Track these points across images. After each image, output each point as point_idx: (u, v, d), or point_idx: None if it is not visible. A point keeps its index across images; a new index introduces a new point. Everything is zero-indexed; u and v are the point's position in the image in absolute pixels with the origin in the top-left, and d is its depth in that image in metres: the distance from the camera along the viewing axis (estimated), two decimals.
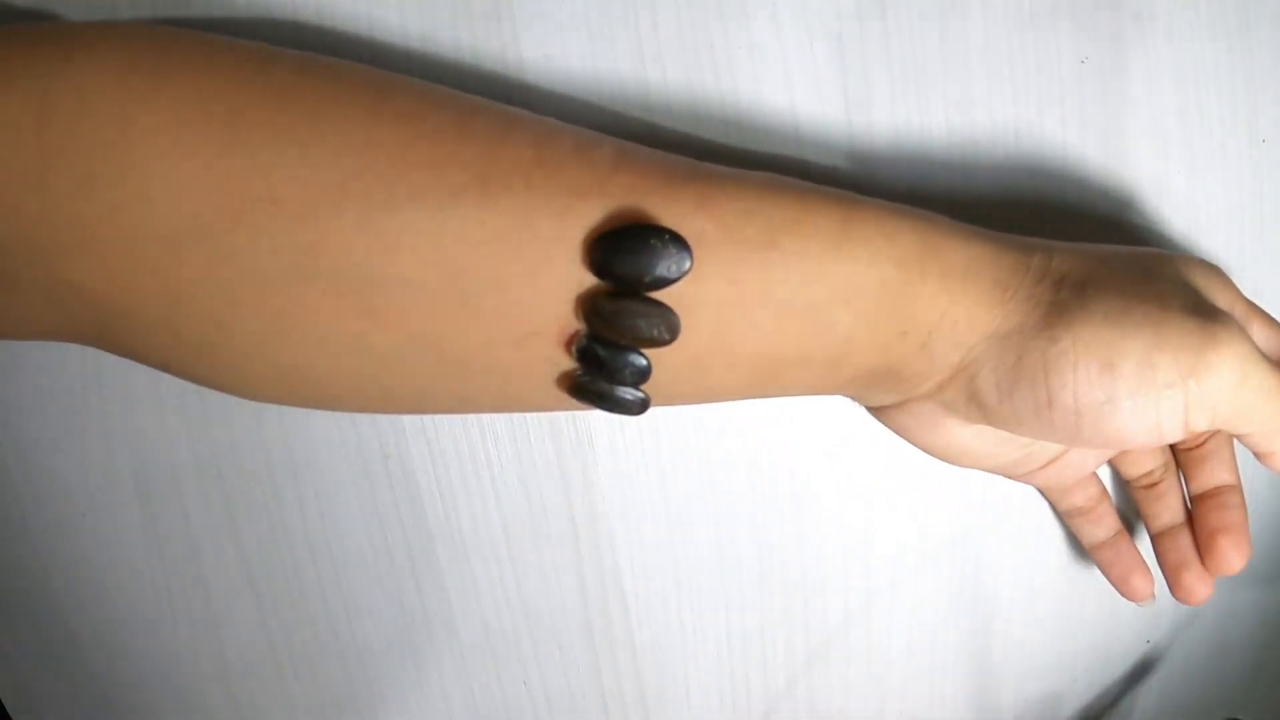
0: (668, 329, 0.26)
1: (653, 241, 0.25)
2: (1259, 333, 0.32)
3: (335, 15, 0.32)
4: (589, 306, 0.26)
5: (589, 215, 0.26)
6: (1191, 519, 0.35)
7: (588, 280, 0.26)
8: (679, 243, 0.26)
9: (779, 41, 0.33)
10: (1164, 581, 0.35)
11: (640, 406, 0.28)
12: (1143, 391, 0.27)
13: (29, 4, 0.30)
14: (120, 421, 0.34)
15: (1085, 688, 0.41)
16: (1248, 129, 0.37)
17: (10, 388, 0.34)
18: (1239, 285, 0.32)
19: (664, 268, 0.26)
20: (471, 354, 0.27)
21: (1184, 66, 0.36)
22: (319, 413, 0.35)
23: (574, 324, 0.27)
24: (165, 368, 0.28)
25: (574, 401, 0.28)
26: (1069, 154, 0.36)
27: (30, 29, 0.26)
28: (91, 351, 0.33)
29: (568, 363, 0.27)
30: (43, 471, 0.34)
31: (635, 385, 0.27)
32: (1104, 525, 0.37)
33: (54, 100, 0.24)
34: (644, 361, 0.27)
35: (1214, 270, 0.31)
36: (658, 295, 0.26)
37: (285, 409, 0.34)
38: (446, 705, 0.38)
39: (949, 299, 0.28)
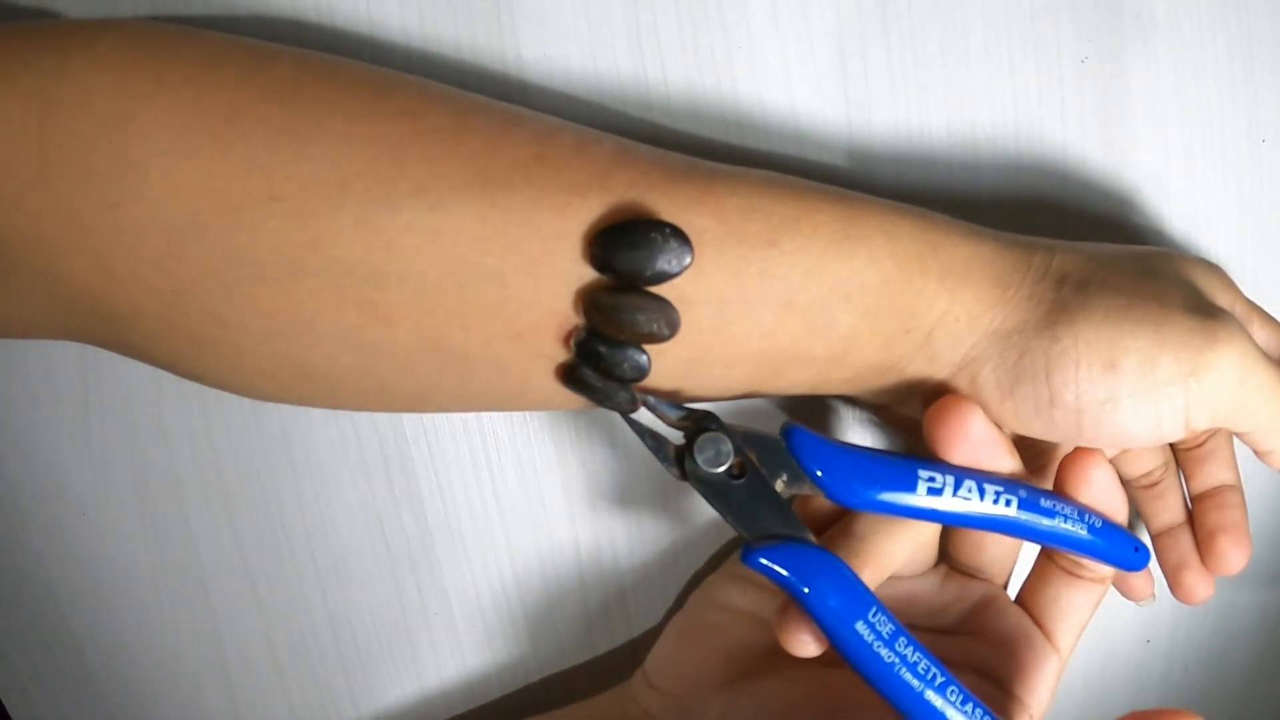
0: (667, 324, 0.26)
1: (653, 236, 0.25)
2: (1259, 331, 0.32)
3: (335, 14, 0.32)
4: (589, 301, 0.26)
5: (589, 211, 0.26)
6: (1192, 519, 0.35)
7: (588, 275, 0.26)
8: (680, 237, 0.26)
9: (779, 41, 0.34)
10: (1164, 581, 0.35)
11: (630, 405, 0.28)
12: (1144, 390, 0.27)
13: (30, 2, 0.30)
14: (120, 421, 0.34)
15: (1085, 688, 0.41)
16: (1248, 129, 0.37)
17: (9, 388, 0.34)
18: (1239, 285, 0.32)
19: (665, 262, 0.25)
20: (471, 350, 0.27)
21: (1184, 66, 0.36)
22: (319, 412, 0.35)
23: (573, 319, 0.27)
24: (165, 365, 0.28)
25: (572, 398, 0.28)
26: (1069, 154, 0.36)
27: (31, 26, 0.26)
28: (91, 351, 0.33)
29: (566, 357, 0.27)
30: (41, 472, 0.34)
31: (634, 381, 0.27)
32: None
33: (54, 97, 0.24)
34: (643, 357, 0.27)
35: (1214, 269, 0.31)
36: (658, 291, 0.26)
37: (285, 408, 0.34)
38: (446, 704, 0.38)
39: (950, 297, 0.28)
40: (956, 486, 0.28)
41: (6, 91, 0.24)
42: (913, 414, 0.32)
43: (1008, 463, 0.29)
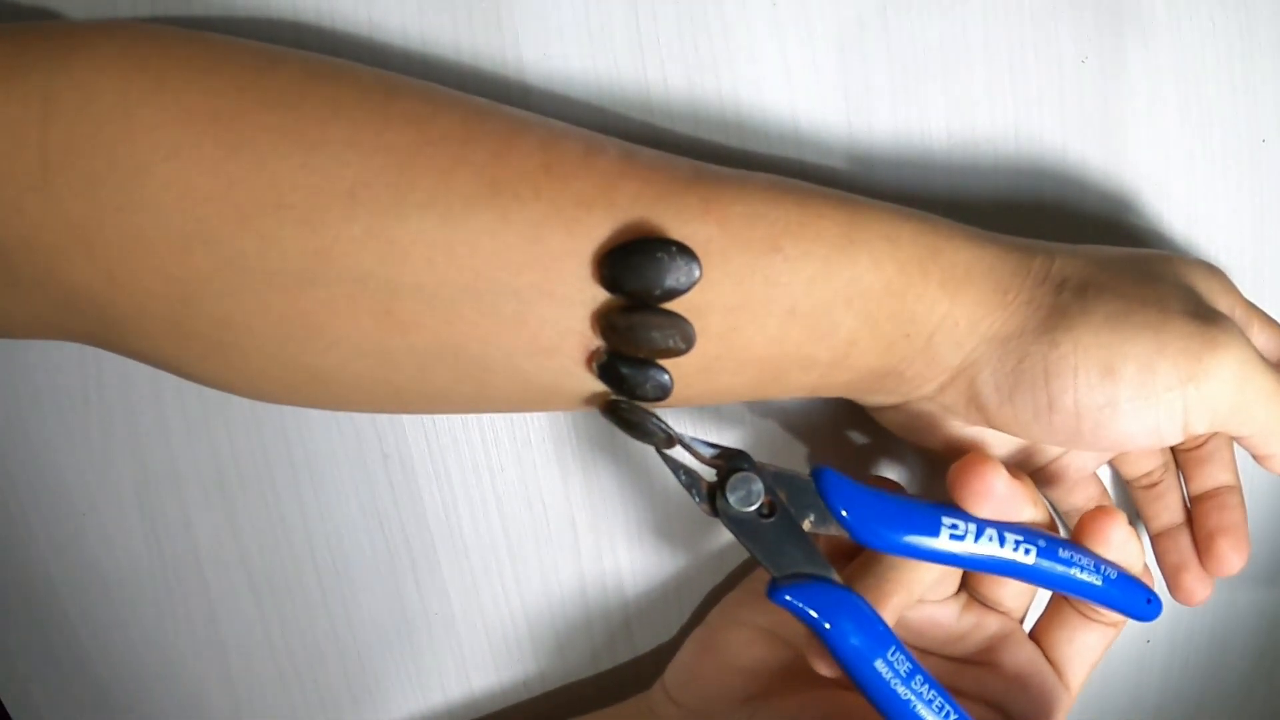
0: (683, 338, 0.26)
1: (659, 255, 0.25)
2: (1259, 334, 0.32)
3: (335, 15, 0.32)
4: (604, 322, 0.26)
5: (597, 228, 0.26)
6: (1191, 520, 0.35)
7: (601, 295, 0.26)
8: (686, 254, 0.26)
9: (779, 42, 0.33)
10: (1164, 582, 0.35)
11: (666, 441, 0.28)
12: (1143, 395, 0.27)
13: (31, 2, 0.30)
14: (120, 421, 0.34)
15: (1085, 687, 0.41)
16: (1248, 129, 0.37)
17: (10, 388, 0.34)
18: (1239, 285, 0.32)
19: (673, 279, 0.26)
20: (492, 361, 0.27)
21: (1184, 66, 0.36)
22: (319, 413, 0.35)
23: (593, 340, 0.27)
24: (170, 368, 0.28)
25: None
26: (1069, 154, 0.36)
27: (32, 27, 0.26)
28: (91, 351, 0.33)
29: (589, 378, 0.27)
30: (43, 471, 0.34)
31: (657, 400, 0.27)
32: None
33: (57, 99, 0.24)
34: (665, 375, 0.27)
35: (1214, 272, 0.31)
36: (669, 306, 0.26)
37: (286, 408, 0.34)
38: (447, 705, 0.38)
39: (950, 301, 0.28)
40: (978, 534, 0.29)
41: (7, 93, 0.24)
42: (912, 416, 0.32)
43: (1030, 512, 0.30)
